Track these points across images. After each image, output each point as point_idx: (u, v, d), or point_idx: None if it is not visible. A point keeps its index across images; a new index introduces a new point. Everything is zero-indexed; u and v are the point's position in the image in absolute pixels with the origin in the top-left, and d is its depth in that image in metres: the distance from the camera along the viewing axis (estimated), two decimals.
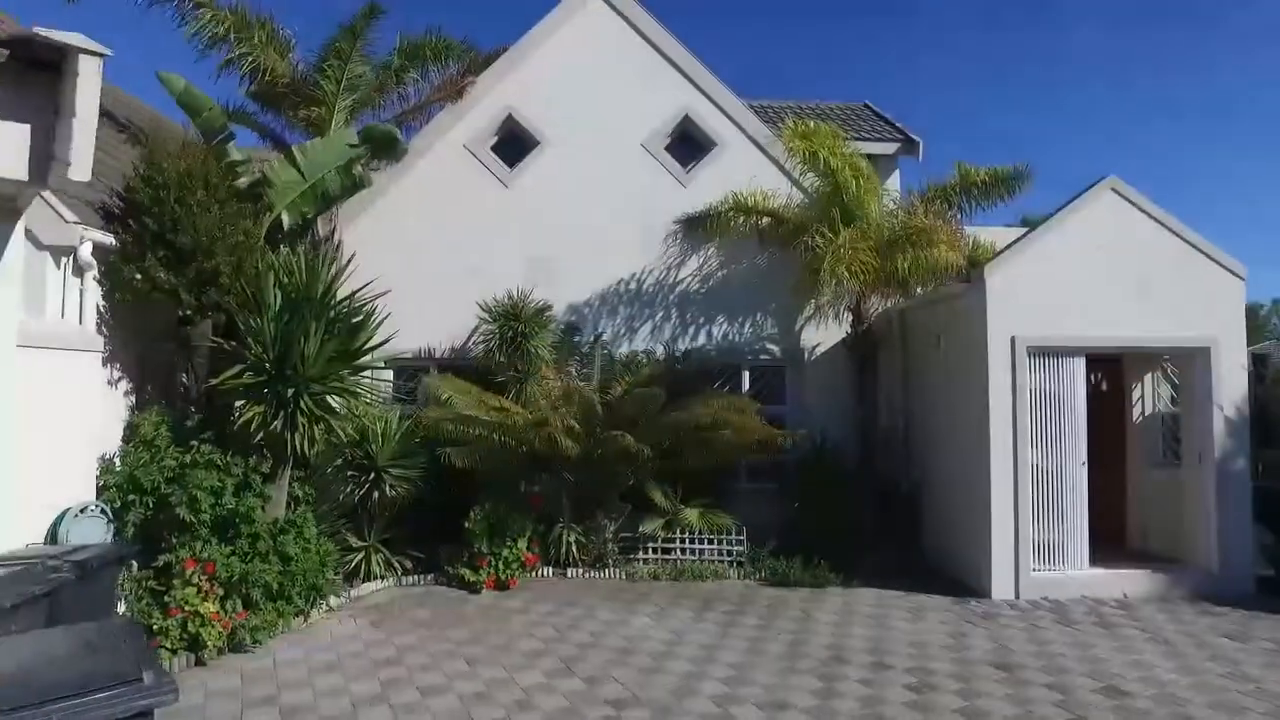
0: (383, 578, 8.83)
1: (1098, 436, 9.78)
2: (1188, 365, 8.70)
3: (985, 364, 8.22)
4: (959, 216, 10.35)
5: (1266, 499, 9.02)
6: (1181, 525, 8.85)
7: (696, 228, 10.79)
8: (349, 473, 8.70)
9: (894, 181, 11.73)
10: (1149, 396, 9.56)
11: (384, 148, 9.17)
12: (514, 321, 9.83)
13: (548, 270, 10.59)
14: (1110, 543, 9.53)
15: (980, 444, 8.34)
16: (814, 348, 10.82)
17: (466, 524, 8.78)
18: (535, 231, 10.80)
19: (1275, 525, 9.10)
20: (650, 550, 9.53)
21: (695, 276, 10.95)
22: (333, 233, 10.24)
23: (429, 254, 10.69)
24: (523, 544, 8.93)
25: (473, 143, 10.99)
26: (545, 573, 9.28)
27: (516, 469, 9.47)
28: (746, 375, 10.91)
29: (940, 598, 8.30)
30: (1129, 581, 8.34)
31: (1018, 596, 8.16)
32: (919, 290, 9.84)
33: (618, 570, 9.31)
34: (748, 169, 10.82)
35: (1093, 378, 10.07)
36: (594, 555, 9.42)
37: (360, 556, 8.74)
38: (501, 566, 8.73)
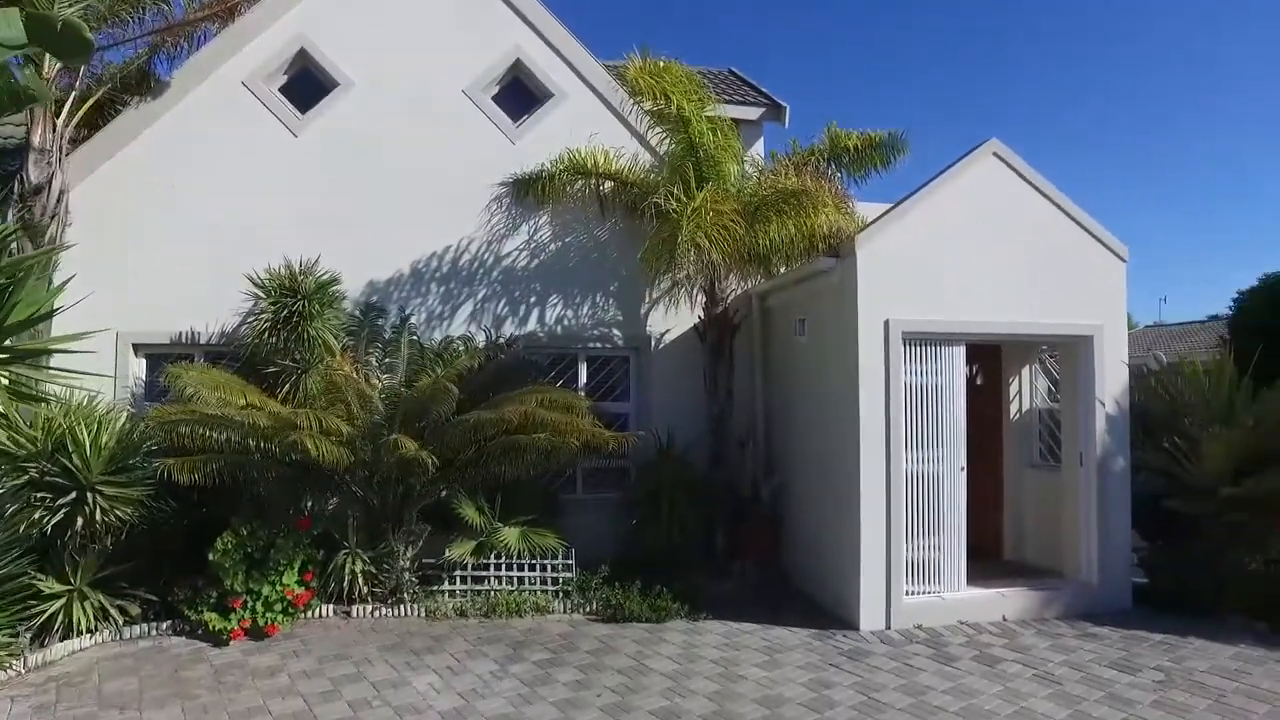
0: (93, 631, 6.66)
1: (974, 435, 8.80)
2: (1069, 356, 7.76)
3: (855, 352, 6.95)
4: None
5: (1142, 503, 8.24)
6: (1060, 533, 7.92)
7: (527, 191, 9.10)
8: (36, 494, 6.45)
9: (759, 149, 10.43)
10: (1026, 391, 8.63)
11: (69, 48, 6.92)
12: (291, 298, 7.83)
13: (346, 238, 8.63)
14: (985, 554, 8.56)
15: (848, 447, 7.07)
16: (663, 334, 9.36)
17: (212, 555, 6.77)
18: (331, 191, 8.81)
19: (1150, 531, 8.34)
20: (459, 579, 7.76)
21: (525, 249, 9.25)
22: (49, 181, 7.88)
23: (195, 216, 8.53)
24: (290, 578, 6.99)
25: (254, 80, 8.85)
26: (323, 612, 7.35)
27: (287, 484, 7.52)
28: (584, 366, 9.32)
29: (802, 632, 6.97)
30: (1008, 602, 7.28)
31: (889, 626, 6.94)
32: (782, 269, 8.55)
33: (416, 606, 7.49)
34: (589, 125, 9.23)
35: (971, 369, 9.08)
36: (389, 588, 7.58)
37: (58, 605, 6.53)
38: (260, 609, 6.76)
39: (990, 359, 8.75)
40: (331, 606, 7.40)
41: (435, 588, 7.72)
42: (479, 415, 6.80)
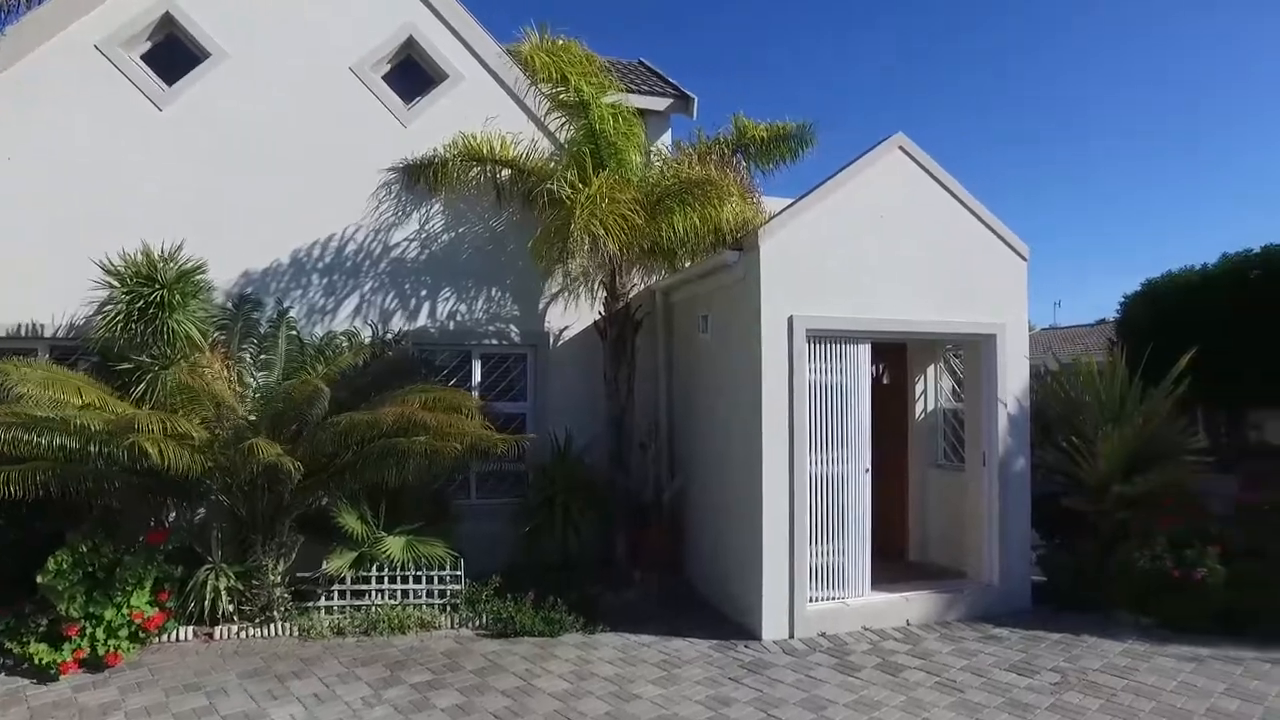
0: None
1: (879, 436, 8.68)
2: (972, 355, 7.70)
3: (758, 350, 6.67)
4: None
5: (1041, 502, 8.28)
6: (963, 534, 7.86)
7: (419, 178, 8.53)
8: None
9: (666, 140, 10.10)
10: (931, 390, 8.56)
11: None
12: (149, 287, 7.05)
13: (216, 224, 7.91)
14: (891, 556, 8.44)
15: (750, 448, 6.79)
16: (562, 331, 8.93)
17: (41, 577, 5.99)
18: (200, 172, 8.05)
19: (1049, 529, 8.39)
20: (338, 594, 7.15)
21: (416, 240, 8.67)
22: None
23: (38, 195, 7.63)
24: (141, 599, 6.25)
25: (111, 44, 7.99)
26: (181, 636, 6.64)
27: (141, 494, 6.77)
28: (478, 364, 8.81)
29: (702, 643, 6.66)
30: (912, 606, 7.15)
31: (792, 635, 6.69)
32: (688, 264, 8.24)
33: (289, 625, 6.85)
34: (485, 109, 8.73)
35: (877, 368, 8.97)
36: (259, 605, 6.91)
37: None
38: (101, 636, 6.01)
39: (896, 358, 8.66)
40: (192, 629, 6.69)
41: (311, 604, 7.09)
42: (351, 417, 6.22)
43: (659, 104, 10.37)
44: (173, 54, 8.29)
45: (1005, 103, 56.04)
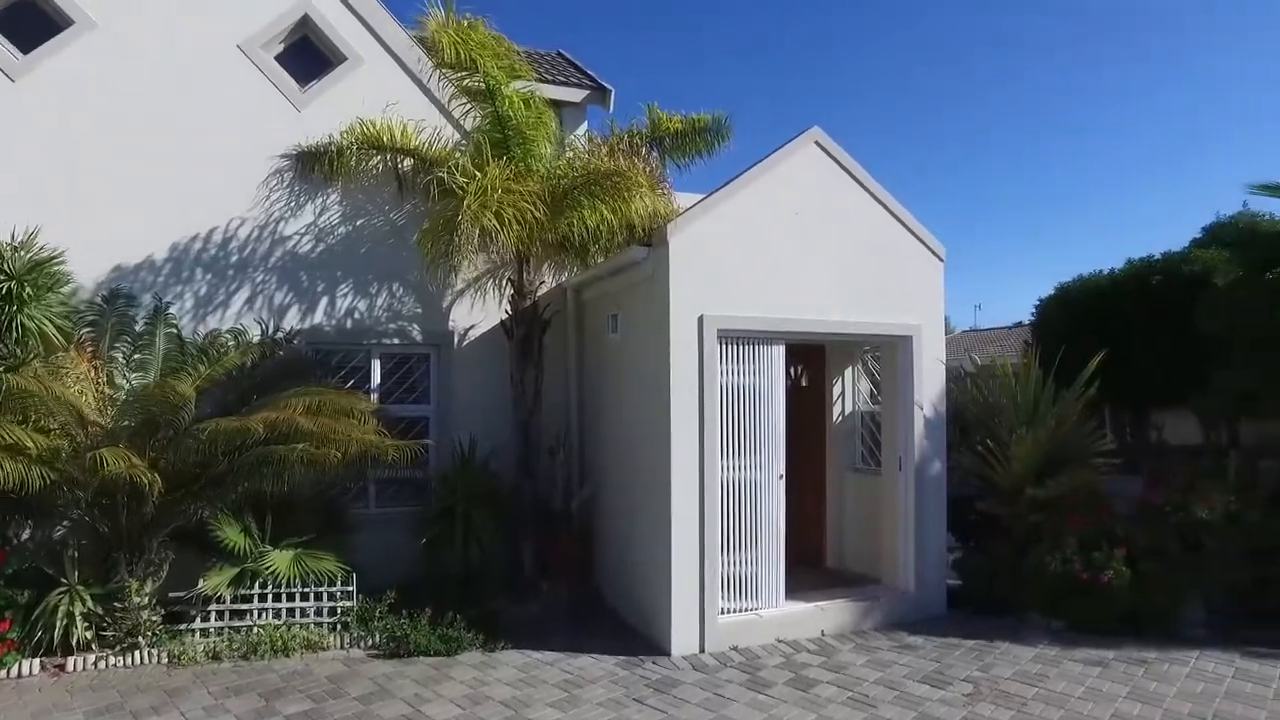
0: None
1: (797, 439, 8.49)
2: (889, 357, 7.56)
3: (667, 351, 6.37)
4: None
5: (957, 504, 8.21)
6: (880, 540, 7.71)
7: (314, 166, 7.97)
8: None
9: (582, 133, 9.71)
10: (850, 393, 8.40)
11: None
12: None
13: (83, 211, 7.21)
14: (808, 563, 8.28)
15: (659, 454, 6.48)
16: (468, 330, 8.47)
17: None
18: (63, 153, 7.32)
19: (965, 533, 8.33)
20: (216, 615, 6.56)
21: (311, 232, 8.10)
22: None
23: None
24: None
25: None
26: (24, 670, 5.94)
27: None
28: (377, 364, 8.28)
29: (609, 660, 6.32)
30: (827, 615, 6.95)
31: (703, 649, 6.40)
32: (601, 260, 7.89)
33: (157, 651, 6.24)
34: (387, 94, 8.20)
35: (795, 370, 8.79)
36: (124, 630, 6.27)
37: None
38: None
39: (814, 360, 8.48)
40: (39, 661, 6.01)
41: (185, 627, 6.48)
42: (217, 424, 5.67)
43: (574, 95, 9.98)
44: (28, 19, 7.49)
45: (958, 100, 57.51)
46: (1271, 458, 8.43)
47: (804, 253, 6.86)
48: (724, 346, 6.60)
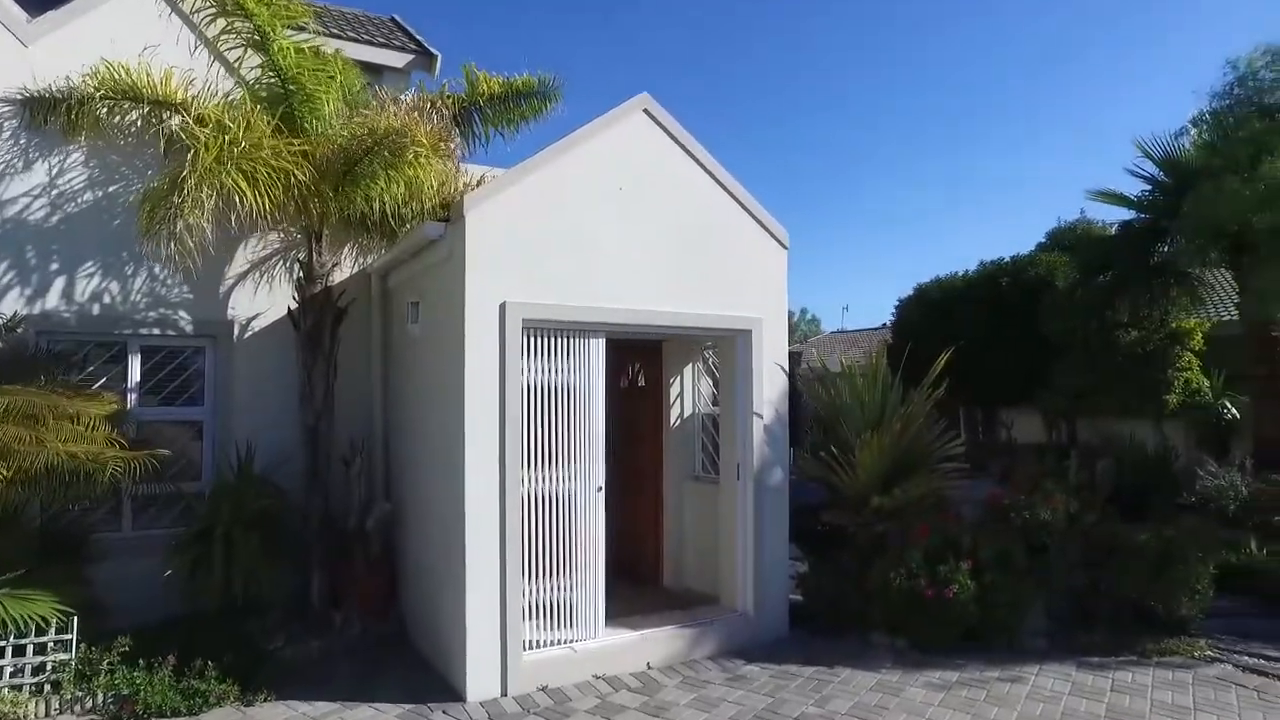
0: None
1: (633, 445, 7.71)
2: (727, 353, 6.85)
3: (461, 343, 5.40)
4: (466, 141, 7.59)
5: (805, 514, 7.62)
6: (719, 556, 6.99)
7: (48, 116, 6.52)
8: None
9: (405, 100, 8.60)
10: (689, 393, 7.65)
11: None
12: None
13: None
14: (643, 582, 7.52)
15: (453, 464, 5.51)
16: (251, 320, 7.21)
17: None
18: None
19: (811, 545, 7.74)
20: None
21: (44, 196, 6.64)
22: None
23: None
24: None
25: None
26: None
27: None
28: (136, 359, 6.91)
29: (393, 709, 5.29)
30: (654, 645, 6.14)
31: (505, 692, 5.45)
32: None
33: None
34: (147, 36, 6.84)
35: (631, 369, 7.99)
36: None
37: None
38: None
39: (651, 357, 7.69)
40: None
41: None
42: None
43: (398, 60, 8.90)
44: None
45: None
46: (1109, 457, 8.28)
47: (629, 234, 6.04)
48: (533, 339, 5.70)
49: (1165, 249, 11.46)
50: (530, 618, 5.73)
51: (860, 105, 67.10)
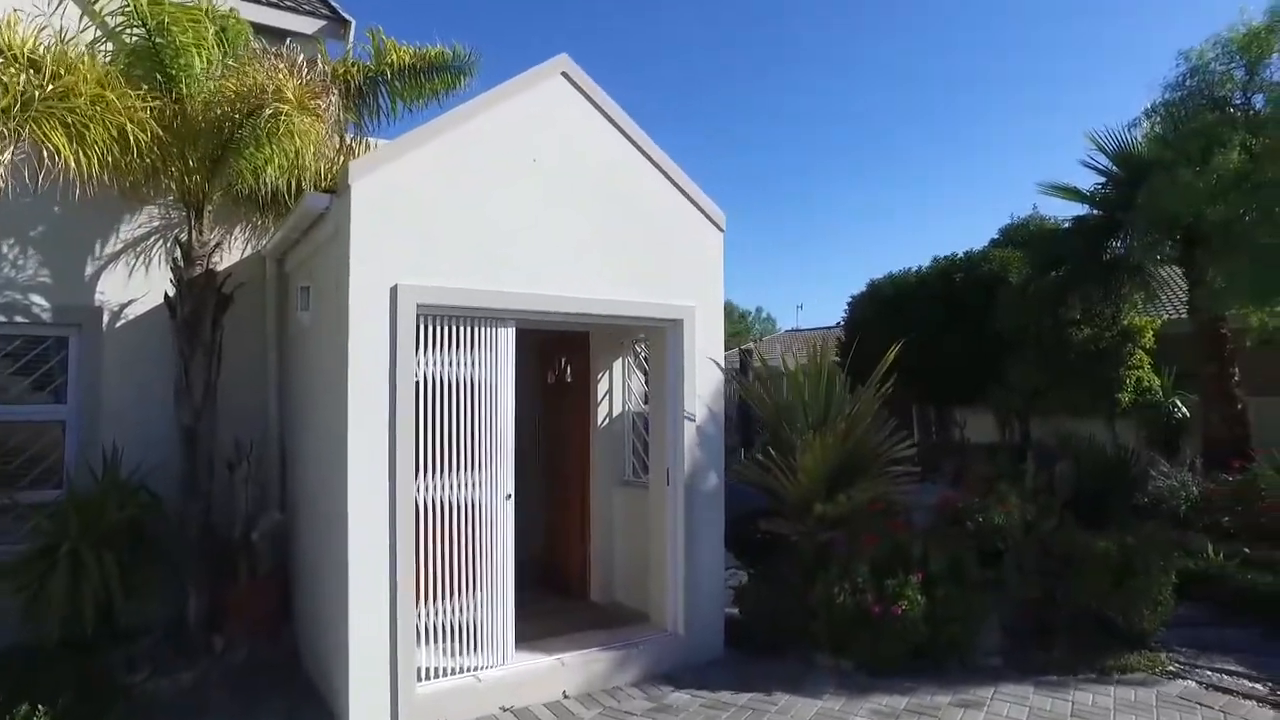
0: None
1: (558, 446, 7.08)
2: (657, 345, 6.24)
3: (345, 330, 4.70)
4: (372, 116, 6.87)
5: (744, 521, 7.05)
6: (649, 569, 6.37)
7: None
8: None
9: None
10: (619, 390, 7.03)
11: None
12: None
13: None
14: (570, 596, 6.90)
15: (337, 465, 4.81)
16: (124, 307, 6.39)
17: None
18: None
19: (752, 555, 7.18)
20: None
21: None
22: None
23: None
24: None
25: None
26: None
27: None
28: None
29: None
30: (572, 670, 5.48)
31: None
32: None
33: None
34: None
35: (559, 363, 7.35)
36: None
37: None
38: None
39: (578, 350, 7.05)
40: None
41: None
42: None
43: (306, 25, 8.05)
44: None
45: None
46: (1067, 459, 7.87)
47: (545, 211, 5.40)
48: (432, 327, 5.02)
49: (1118, 244, 11.20)
50: (428, 642, 5.06)
51: (822, 102, 67.03)
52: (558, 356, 7.24)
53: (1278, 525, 7.80)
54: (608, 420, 6.98)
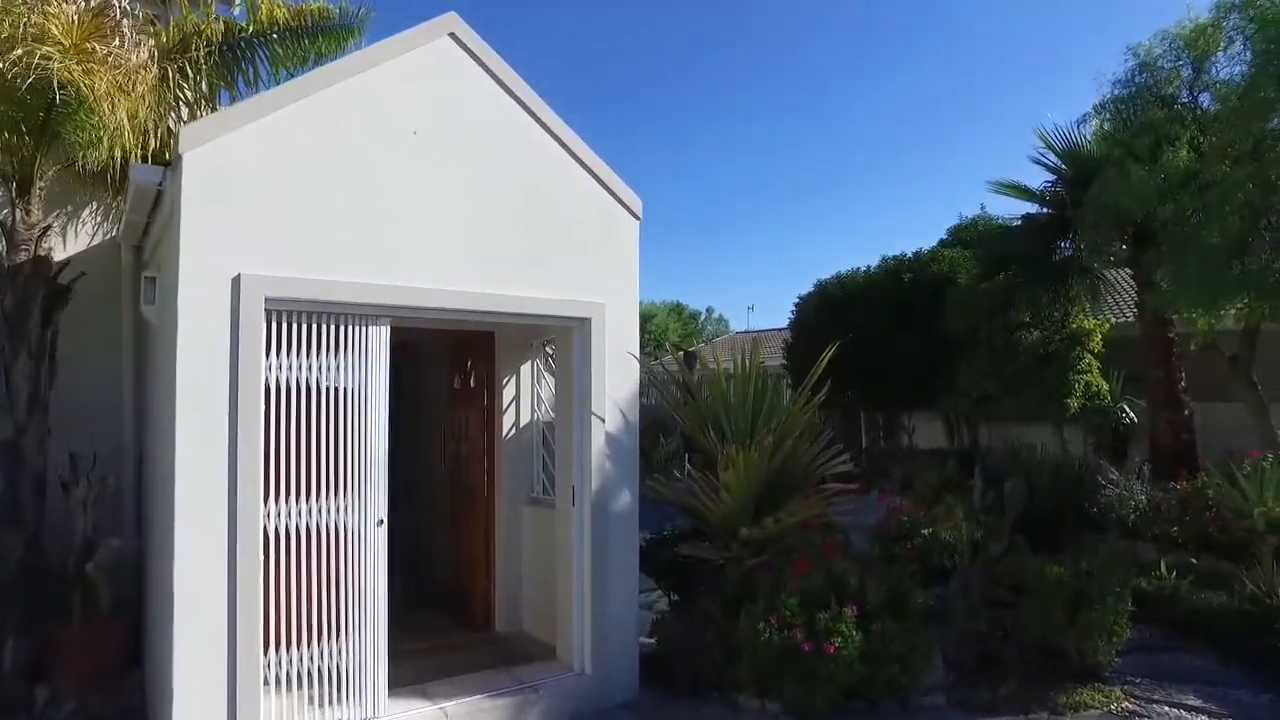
0: None
1: (462, 460, 6.36)
2: (563, 347, 5.56)
3: (175, 326, 3.94)
4: (244, 83, 6.07)
5: (665, 544, 6.42)
6: (556, 598, 5.68)
7: None
8: None
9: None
10: (527, 397, 6.32)
11: None
12: None
13: None
14: (472, 627, 6.19)
15: (167, 488, 4.03)
16: None
17: None
18: None
19: (675, 582, 6.53)
20: None
21: None
22: None
23: None
24: None
25: None
26: None
27: None
28: None
29: None
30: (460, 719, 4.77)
31: None
32: None
33: None
34: None
35: (465, 367, 6.61)
36: None
37: None
38: None
39: (483, 352, 6.32)
40: None
41: None
42: None
43: None
44: None
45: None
46: (1018, 476, 7.37)
47: (429, 191, 4.68)
48: (286, 325, 4.27)
49: (1067, 244, 10.86)
50: (281, 692, 4.30)
51: (777, 97, 66.75)
52: (464, 359, 6.51)
53: (1226, 536, 7.47)
54: (514, 431, 6.26)
